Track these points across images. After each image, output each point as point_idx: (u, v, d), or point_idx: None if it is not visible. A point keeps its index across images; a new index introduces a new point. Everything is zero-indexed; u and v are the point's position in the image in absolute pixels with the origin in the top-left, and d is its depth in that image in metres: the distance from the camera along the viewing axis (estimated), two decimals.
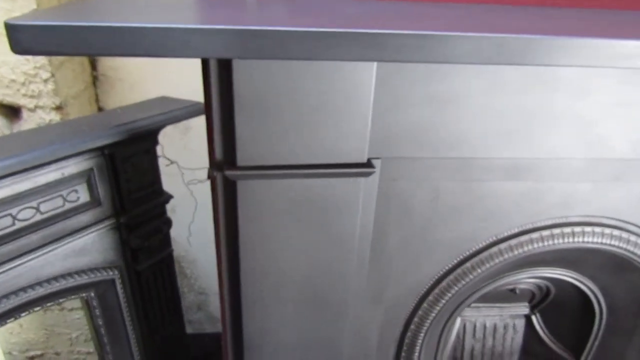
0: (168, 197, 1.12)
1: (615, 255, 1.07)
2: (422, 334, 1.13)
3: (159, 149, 1.09)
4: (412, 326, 1.12)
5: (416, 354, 1.16)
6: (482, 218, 0.97)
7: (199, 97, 1.33)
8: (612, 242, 1.03)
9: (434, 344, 1.24)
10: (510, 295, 1.37)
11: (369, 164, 0.76)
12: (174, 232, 1.28)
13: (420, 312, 1.10)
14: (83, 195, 1.00)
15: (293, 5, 0.76)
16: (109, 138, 0.96)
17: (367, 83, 0.69)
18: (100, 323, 1.13)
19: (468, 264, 1.04)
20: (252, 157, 0.72)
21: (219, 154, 0.74)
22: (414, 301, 1.08)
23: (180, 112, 1.05)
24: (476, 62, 0.52)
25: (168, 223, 1.15)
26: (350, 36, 0.50)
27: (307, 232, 0.79)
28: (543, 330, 1.42)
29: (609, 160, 0.88)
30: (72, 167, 0.96)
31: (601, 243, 1.03)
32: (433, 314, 1.10)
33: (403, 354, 1.17)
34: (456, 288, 1.06)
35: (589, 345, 1.31)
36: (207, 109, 0.80)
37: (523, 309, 1.42)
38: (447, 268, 1.04)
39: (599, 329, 1.28)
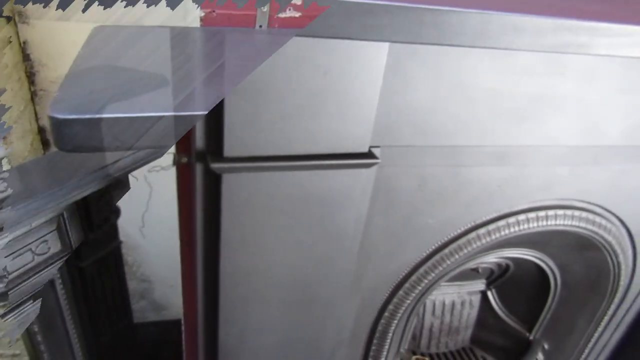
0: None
1: (580, 236, 1.10)
2: (396, 320, 1.10)
3: None
4: (387, 313, 1.09)
5: (388, 340, 1.14)
6: (466, 204, 0.95)
7: None
8: (580, 224, 1.06)
9: (402, 327, 1.23)
10: (471, 274, 1.39)
11: (370, 154, 0.69)
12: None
13: (395, 300, 1.06)
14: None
15: None
16: (88, 187, 0.79)
17: (378, 64, 0.60)
18: (36, 329, 0.97)
19: (446, 250, 1.01)
20: (242, 147, 0.62)
21: (200, 141, 0.63)
22: (390, 288, 1.05)
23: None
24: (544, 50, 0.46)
25: (116, 212, 1.00)
26: (411, 11, 0.41)
27: (300, 229, 0.71)
28: (498, 305, 1.47)
29: (597, 145, 0.88)
30: None
31: (570, 225, 1.05)
32: (409, 301, 1.07)
33: (375, 340, 1.14)
34: (433, 274, 1.04)
35: (541, 317, 1.38)
36: None
37: (480, 285, 1.45)
38: (425, 254, 1.01)
39: (552, 302, 1.34)
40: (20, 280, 0.80)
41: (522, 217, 1.01)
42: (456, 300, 1.47)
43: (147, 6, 0.71)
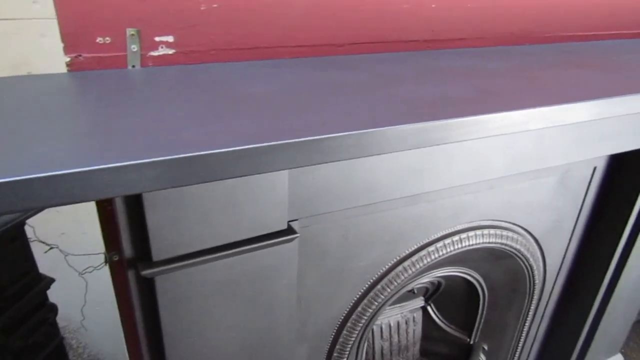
0: (49, 282, 0.96)
1: (492, 249, 1.23)
2: (345, 358, 1.17)
3: (29, 231, 0.92)
4: (335, 354, 1.15)
5: None
6: (388, 242, 1.04)
7: None
8: (490, 240, 1.18)
9: None
10: (409, 295, 1.50)
11: (290, 230, 0.75)
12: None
13: (341, 339, 1.13)
14: None
15: (189, 87, 0.68)
16: None
17: None
18: None
19: (379, 286, 1.10)
20: (169, 249, 0.66)
21: (128, 249, 0.66)
22: (334, 330, 1.12)
23: None
24: (404, 149, 0.55)
25: (53, 310, 0.99)
26: (290, 147, 0.48)
27: (238, 307, 0.76)
28: (438, 317, 1.58)
29: (485, 180, 1.00)
30: None
31: (482, 242, 1.17)
32: (353, 338, 1.14)
33: None
34: (371, 310, 1.12)
35: (477, 322, 1.50)
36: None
37: (419, 302, 1.56)
38: (360, 293, 1.09)
39: (483, 308, 1.47)
40: None
41: (439, 244, 1.12)
42: (400, 320, 1.56)
43: None
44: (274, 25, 0.76)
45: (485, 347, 1.56)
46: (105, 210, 0.74)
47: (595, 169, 1.23)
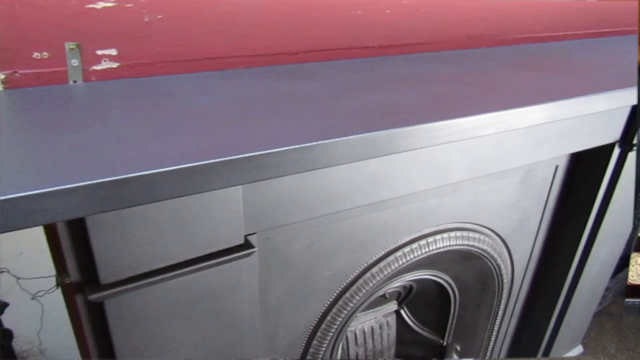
0: (2, 306, 0.91)
1: (460, 251, 1.23)
2: None
3: None
4: None
5: None
6: (354, 250, 1.03)
7: None
8: (457, 242, 1.19)
9: None
10: (381, 299, 1.49)
11: (247, 244, 0.73)
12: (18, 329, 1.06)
13: (312, 350, 1.12)
14: None
15: (132, 102, 0.65)
16: None
17: None
18: None
19: (347, 294, 1.09)
20: (118, 271, 0.63)
21: (74, 273, 0.63)
22: (304, 340, 1.10)
23: None
24: (350, 161, 0.53)
25: (9, 336, 0.94)
26: (228, 164, 0.46)
27: (198, 326, 0.74)
28: (411, 320, 1.58)
29: (446, 184, 1.00)
30: None
31: (449, 245, 1.18)
32: (324, 347, 1.13)
33: None
34: (340, 318, 1.11)
35: (449, 323, 1.51)
36: None
37: (392, 306, 1.56)
38: (328, 302, 1.07)
39: (455, 309, 1.47)
40: None
41: (407, 249, 1.11)
42: (374, 325, 1.55)
43: None
44: (224, 34, 0.74)
45: (458, 348, 1.57)
46: (53, 232, 0.70)
47: (557, 167, 1.25)
